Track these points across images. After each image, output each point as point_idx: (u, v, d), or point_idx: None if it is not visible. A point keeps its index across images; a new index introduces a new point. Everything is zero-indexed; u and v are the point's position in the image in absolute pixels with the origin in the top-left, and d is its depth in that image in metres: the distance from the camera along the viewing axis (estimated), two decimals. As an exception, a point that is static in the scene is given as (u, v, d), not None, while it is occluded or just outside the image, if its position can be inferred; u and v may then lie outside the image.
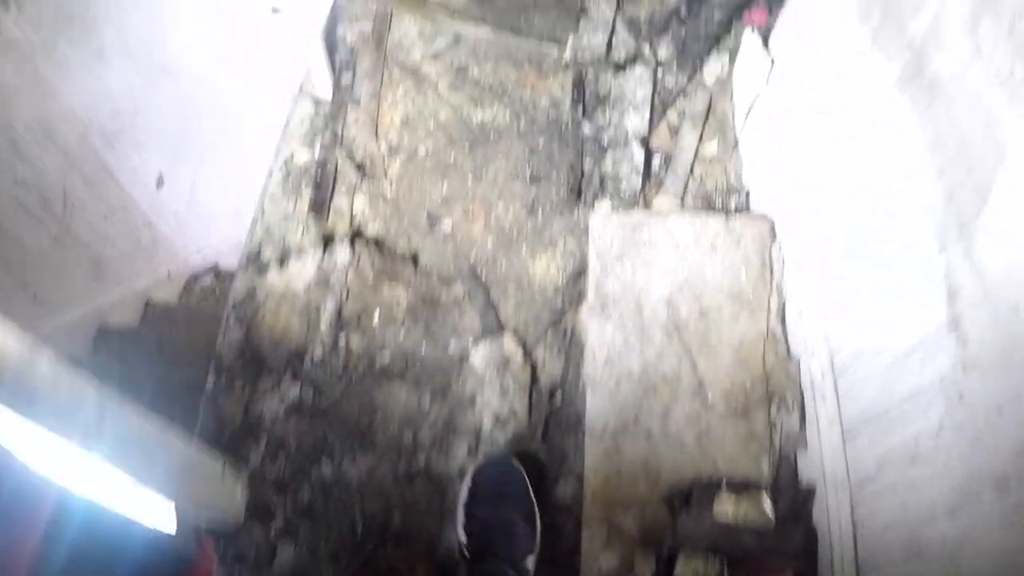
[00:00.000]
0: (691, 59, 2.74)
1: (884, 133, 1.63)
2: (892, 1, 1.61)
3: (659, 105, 2.57)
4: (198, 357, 2.21)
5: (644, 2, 3.03)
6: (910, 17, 1.52)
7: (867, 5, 1.74)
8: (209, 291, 3.22)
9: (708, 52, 2.80)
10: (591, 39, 2.75)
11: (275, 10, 2.27)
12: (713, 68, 2.74)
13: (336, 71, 2.67)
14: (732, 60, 2.73)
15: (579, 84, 2.59)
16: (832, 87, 1.92)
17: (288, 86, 2.65)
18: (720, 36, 2.87)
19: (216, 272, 3.30)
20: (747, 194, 2.51)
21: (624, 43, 2.79)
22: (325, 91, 2.62)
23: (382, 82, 2.62)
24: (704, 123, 2.55)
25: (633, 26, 2.90)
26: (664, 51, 2.77)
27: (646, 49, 2.78)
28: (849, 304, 1.81)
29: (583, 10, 2.91)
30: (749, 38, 2.50)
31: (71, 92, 1.73)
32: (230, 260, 2.72)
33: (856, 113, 1.79)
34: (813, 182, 2.02)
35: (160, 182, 2.36)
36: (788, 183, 2.18)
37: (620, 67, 2.65)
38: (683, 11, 2.95)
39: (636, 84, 2.57)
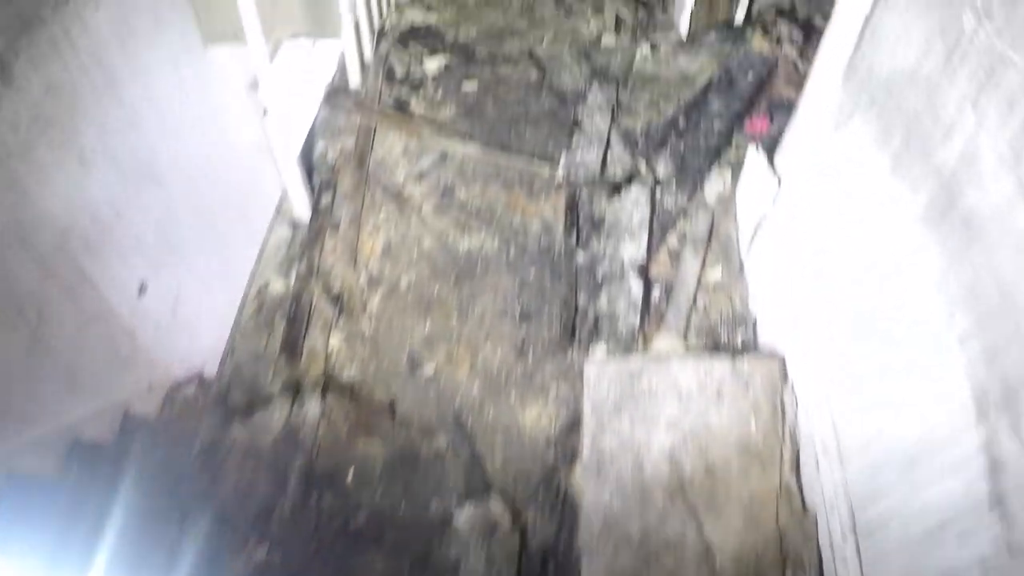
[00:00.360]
0: (691, 175, 2.61)
1: (909, 274, 1.37)
2: (915, 123, 1.35)
3: (658, 229, 2.42)
4: (175, 483, 2.03)
5: (640, 112, 2.93)
6: (938, 143, 1.25)
7: (886, 126, 1.48)
8: (192, 401, 3.02)
9: (709, 167, 2.66)
10: (585, 155, 2.63)
11: (265, 112, 2.14)
12: (715, 185, 2.60)
13: (315, 192, 2.53)
14: (735, 176, 2.60)
15: (572, 207, 2.45)
16: (847, 216, 1.73)
17: (270, 203, 2.53)
18: (721, 148, 2.75)
19: (200, 380, 3.11)
20: (754, 323, 2.32)
21: (619, 159, 2.66)
22: (303, 212, 2.48)
23: (363, 204, 2.48)
24: (707, 247, 2.40)
25: (629, 139, 2.78)
26: (662, 167, 2.64)
27: (643, 165, 2.65)
28: (873, 457, 1.59)
29: (576, 123, 2.80)
30: (753, 156, 2.36)
31: (50, 197, 1.64)
32: (215, 368, 2.57)
33: (876, 248, 1.53)
34: (828, 317, 1.82)
35: (143, 290, 2.20)
36: (800, 314, 1.99)
37: (616, 188, 2.52)
38: (681, 122, 2.84)
39: (633, 207, 2.43)
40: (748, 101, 2.94)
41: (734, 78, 3.01)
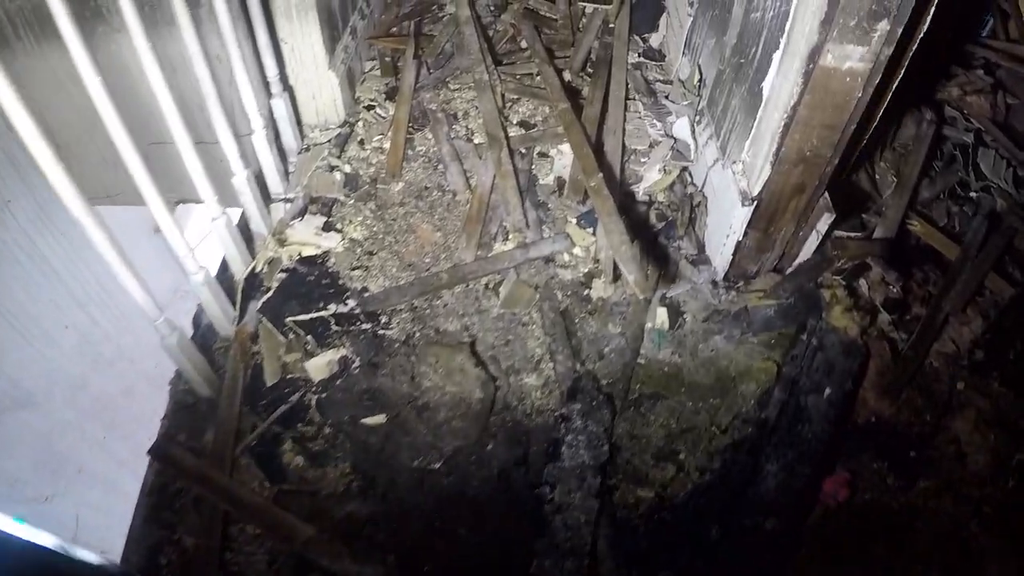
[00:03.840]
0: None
1: None
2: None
3: None
4: None
5: (647, 469, 1.79)
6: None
7: None
8: None
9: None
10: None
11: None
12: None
13: None
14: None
15: None
16: None
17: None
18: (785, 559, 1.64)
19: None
20: None
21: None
22: None
23: None
24: None
25: (626, 536, 1.68)
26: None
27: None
28: None
29: (543, 511, 1.69)
30: None
31: None
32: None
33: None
34: None
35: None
36: None
37: None
38: (712, 499, 1.72)
39: None
40: (826, 444, 1.80)
41: (804, 398, 1.84)
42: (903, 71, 1.80)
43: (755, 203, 1.93)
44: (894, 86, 1.83)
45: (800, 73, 1.68)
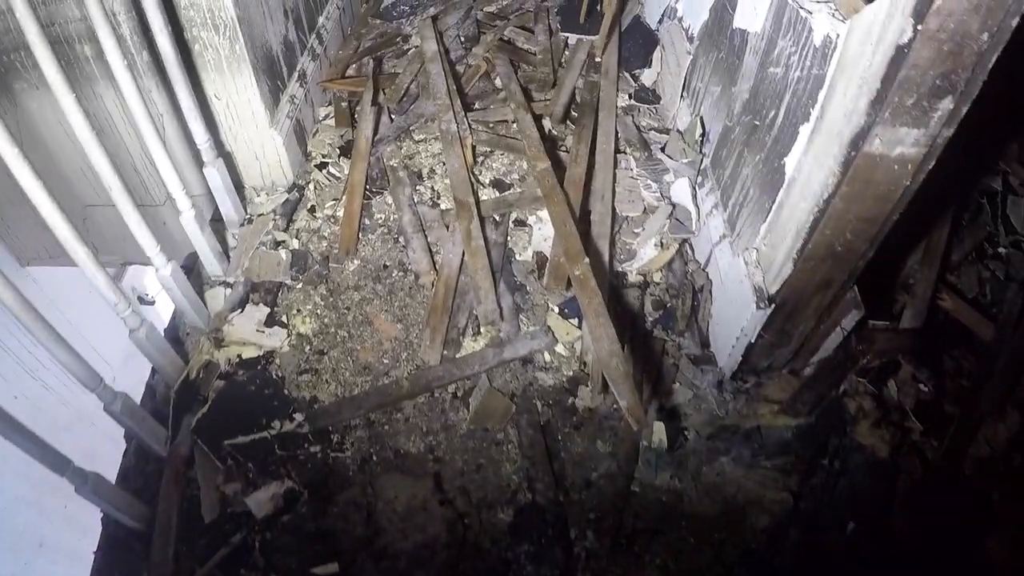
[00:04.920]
0: None
1: None
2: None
3: None
4: None
5: None
6: None
7: None
8: None
9: None
10: None
11: None
12: None
13: None
14: None
15: None
16: None
17: None
18: None
19: None
20: None
21: None
22: None
23: None
24: None
25: None
26: None
27: None
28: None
29: None
30: None
31: None
32: None
33: None
34: None
35: None
36: None
37: None
38: None
39: None
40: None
41: (824, 537, 1.57)
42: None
43: (772, 305, 1.63)
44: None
45: (839, 161, 1.37)
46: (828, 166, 1.40)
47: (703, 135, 2.04)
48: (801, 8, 1.50)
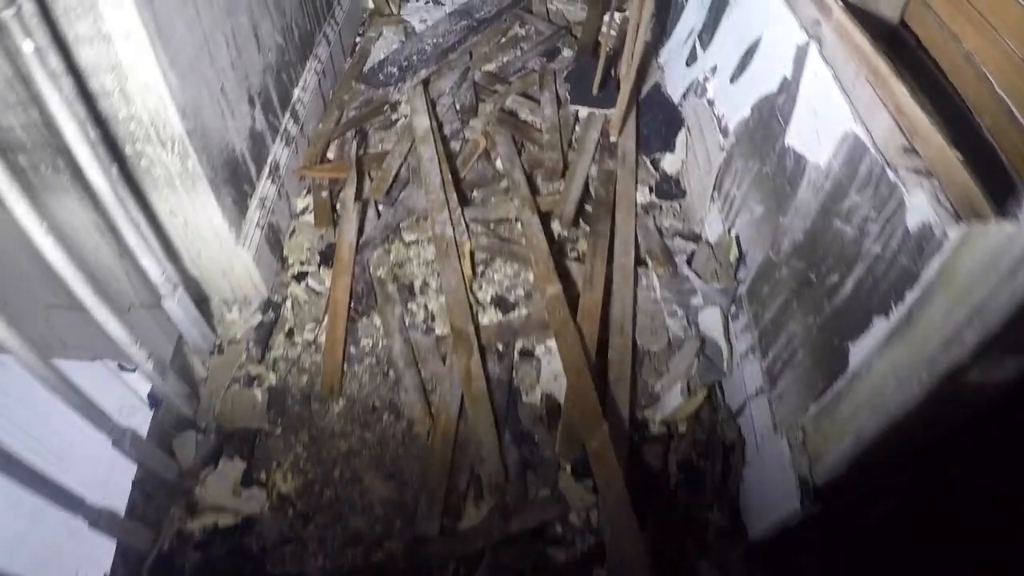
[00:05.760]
0: None
1: None
2: None
3: None
4: None
5: None
6: None
7: None
8: None
9: None
10: None
11: None
12: None
13: None
14: None
15: None
16: None
17: None
18: None
19: None
20: None
21: None
22: None
23: None
24: None
25: None
26: None
27: None
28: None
29: None
30: None
31: None
32: None
33: None
34: None
35: None
36: None
37: None
38: None
39: None
40: None
41: None
42: None
43: (817, 500, 1.42)
44: None
45: (926, 388, 1.13)
46: (911, 390, 1.16)
47: (739, 258, 1.77)
48: (888, 167, 1.22)
